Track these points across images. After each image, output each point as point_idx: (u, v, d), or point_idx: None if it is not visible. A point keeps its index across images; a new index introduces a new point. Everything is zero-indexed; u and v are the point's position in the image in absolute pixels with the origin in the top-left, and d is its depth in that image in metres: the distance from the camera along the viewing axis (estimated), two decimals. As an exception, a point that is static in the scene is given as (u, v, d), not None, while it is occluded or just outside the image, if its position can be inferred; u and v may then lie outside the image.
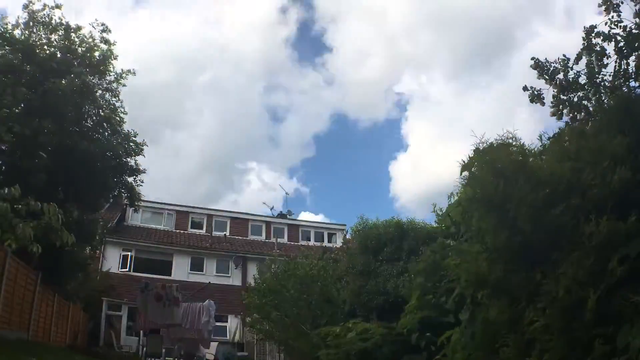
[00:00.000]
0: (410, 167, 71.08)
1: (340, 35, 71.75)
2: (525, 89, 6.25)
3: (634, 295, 3.35)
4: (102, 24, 14.39)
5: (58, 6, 13.61)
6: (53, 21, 13.62)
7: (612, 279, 3.49)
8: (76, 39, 13.85)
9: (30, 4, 13.45)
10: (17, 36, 13.02)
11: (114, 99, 14.87)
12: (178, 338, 16.79)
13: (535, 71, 6.17)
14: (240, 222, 30.47)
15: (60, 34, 13.72)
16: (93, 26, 14.29)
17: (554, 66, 6.10)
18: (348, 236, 21.90)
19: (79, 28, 13.98)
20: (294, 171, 76.53)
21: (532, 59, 6.18)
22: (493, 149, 4.75)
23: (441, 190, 60.60)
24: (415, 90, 72.57)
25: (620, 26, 5.84)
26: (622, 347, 3.28)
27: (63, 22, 13.72)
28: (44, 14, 13.53)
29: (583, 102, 5.98)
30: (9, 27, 12.95)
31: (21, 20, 13.26)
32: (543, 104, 6.19)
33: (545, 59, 6.16)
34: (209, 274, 26.46)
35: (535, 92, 6.22)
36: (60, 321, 15.36)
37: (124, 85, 14.98)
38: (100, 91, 14.56)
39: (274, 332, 15.68)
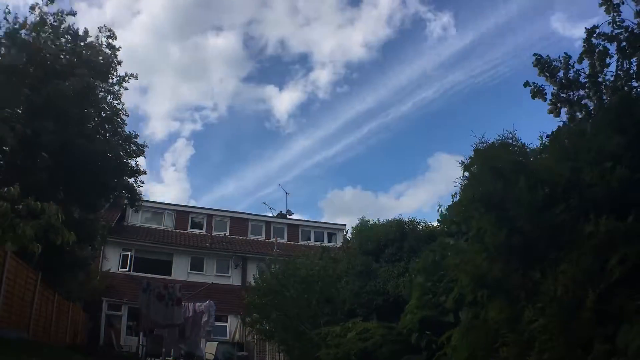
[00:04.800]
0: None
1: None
2: (526, 84, 6.24)
3: (634, 295, 3.35)
4: (109, 30, 14.49)
5: (73, 13, 13.78)
6: (62, 26, 13.69)
7: (611, 278, 3.48)
8: (82, 44, 13.93)
9: (39, 6, 13.46)
10: (23, 37, 13.03)
11: (115, 101, 14.92)
12: (178, 338, 16.79)
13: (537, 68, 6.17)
14: (240, 222, 30.48)
15: (67, 38, 13.82)
16: (100, 31, 14.38)
17: (555, 64, 6.10)
18: (349, 236, 21.89)
19: (86, 33, 14.07)
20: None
21: (534, 55, 6.18)
22: (493, 148, 4.75)
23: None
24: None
25: (622, 26, 5.85)
26: (622, 347, 3.27)
27: (72, 28, 13.84)
28: (55, 18, 13.59)
29: (583, 101, 5.99)
30: (16, 27, 12.96)
31: (29, 22, 13.26)
32: (545, 99, 6.18)
33: (547, 55, 6.16)
34: (209, 274, 26.46)
35: (537, 89, 6.21)
36: (60, 321, 15.36)
37: (126, 89, 15.06)
38: (102, 93, 14.59)
39: (274, 332, 15.66)
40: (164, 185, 69.11)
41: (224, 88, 69.74)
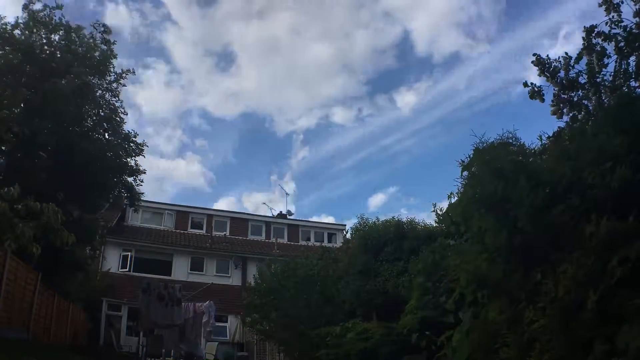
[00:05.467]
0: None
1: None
2: (525, 85, 6.26)
3: (635, 296, 3.35)
4: (103, 25, 14.44)
5: (59, 6, 13.61)
6: (53, 21, 13.62)
7: (612, 279, 3.48)
8: (76, 39, 13.85)
9: (31, 4, 13.45)
10: (17, 36, 13.01)
11: (114, 99, 14.89)
12: (178, 338, 16.79)
13: (537, 68, 6.17)
14: (240, 222, 30.47)
15: (60, 34, 13.73)
16: (94, 27, 14.32)
17: (555, 64, 6.10)
18: (348, 236, 21.92)
19: (79, 28, 13.98)
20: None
21: (534, 54, 6.18)
22: (493, 148, 4.75)
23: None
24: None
25: (620, 26, 5.84)
26: (622, 348, 3.27)
27: (63, 22, 13.72)
28: (44, 14, 13.53)
29: (583, 101, 5.99)
30: (9, 27, 12.94)
31: (21, 20, 13.25)
32: (543, 100, 6.20)
33: (547, 56, 6.17)
34: (209, 274, 26.46)
35: (535, 89, 6.22)
36: (60, 321, 15.36)
37: (124, 86, 15.02)
38: (100, 91, 14.57)
39: (274, 332, 15.67)
40: (268, 193, 66.31)
41: (357, 88, 66.98)
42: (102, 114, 14.42)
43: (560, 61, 6.07)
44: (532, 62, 6.17)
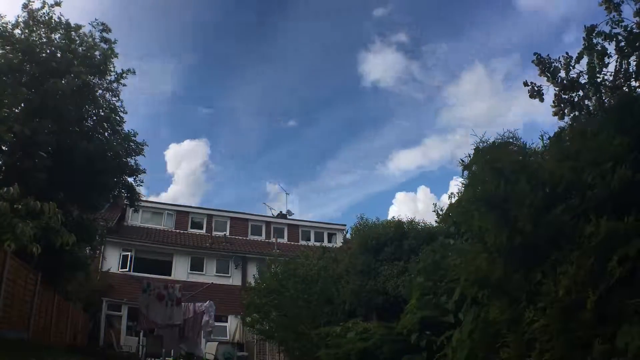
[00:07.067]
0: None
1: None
2: (525, 84, 6.24)
3: (634, 296, 3.35)
4: (102, 23, 14.37)
5: (58, 3, 13.55)
6: (53, 20, 13.57)
7: (611, 279, 3.48)
8: (76, 38, 13.81)
9: (30, 3, 13.40)
10: (17, 35, 12.98)
11: (114, 98, 14.85)
12: (178, 338, 16.80)
13: (537, 67, 6.15)
14: (240, 222, 30.46)
15: (60, 32, 13.68)
16: (93, 25, 14.26)
17: (556, 65, 6.08)
18: (348, 236, 21.95)
19: (79, 27, 13.93)
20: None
21: (535, 54, 6.16)
22: (493, 148, 4.74)
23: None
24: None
25: (621, 26, 5.83)
26: (622, 347, 3.27)
27: (63, 20, 13.67)
28: (44, 13, 13.47)
29: (584, 101, 5.97)
30: (9, 26, 12.90)
31: (21, 19, 13.20)
32: (542, 100, 6.18)
33: (548, 55, 6.14)
34: (209, 274, 26.46)
35: (535, 88, 6.20)
36: (60, 321, 15.35)
37: (125, 85, 14.98)
38: (100, 91, 14.53)
39: (274, 332, 15.67)
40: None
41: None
42: (102, 113, 14.38)
43: (560, 61, 6.06)
44: (533, 61, 6.15)
